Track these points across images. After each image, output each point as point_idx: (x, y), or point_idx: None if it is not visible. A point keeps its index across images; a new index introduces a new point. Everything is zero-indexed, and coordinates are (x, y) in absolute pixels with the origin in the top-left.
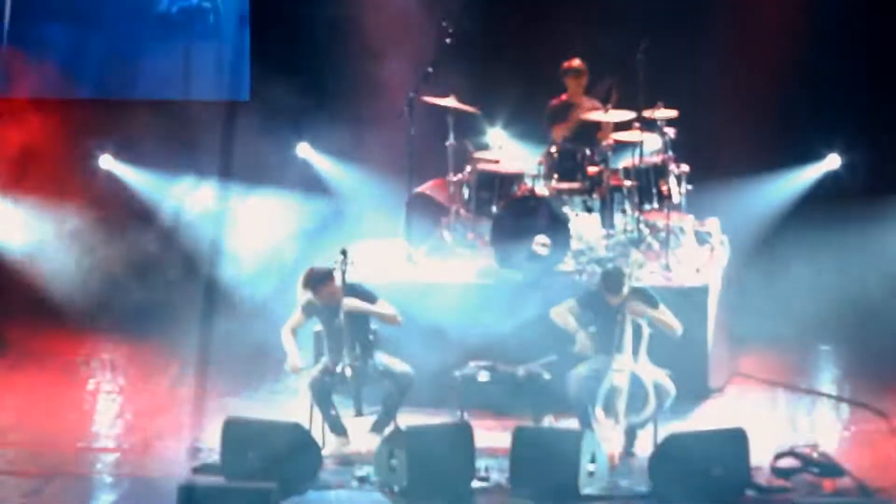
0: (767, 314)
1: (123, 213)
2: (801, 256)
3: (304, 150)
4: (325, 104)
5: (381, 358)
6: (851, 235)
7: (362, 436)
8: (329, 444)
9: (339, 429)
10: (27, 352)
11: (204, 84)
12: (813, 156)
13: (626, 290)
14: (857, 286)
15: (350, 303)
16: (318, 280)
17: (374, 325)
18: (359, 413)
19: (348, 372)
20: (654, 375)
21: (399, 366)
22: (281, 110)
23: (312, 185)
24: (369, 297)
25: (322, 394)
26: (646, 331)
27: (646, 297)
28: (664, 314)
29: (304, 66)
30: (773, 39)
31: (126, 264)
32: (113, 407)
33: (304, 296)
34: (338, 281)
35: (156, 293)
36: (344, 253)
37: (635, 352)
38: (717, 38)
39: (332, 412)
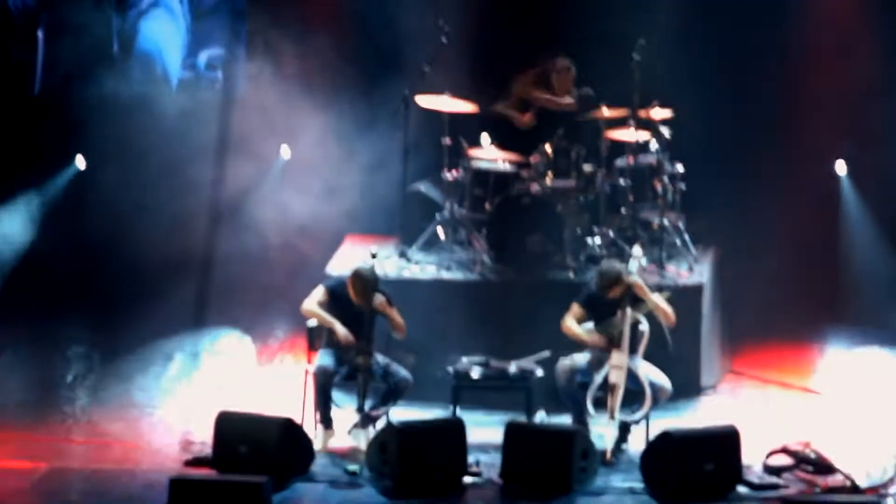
0: (759, 312)
1: None
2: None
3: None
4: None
5: (384, 359)
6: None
7: (353, 431)
8: (318, 437)
9: (329, 422)
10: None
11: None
12: (814, 158)
13: (624, 281)
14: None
15: (379, 301)
16: (369, 287)
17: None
18: (360, 408)
19: (364, 364)
20: (651, 374)
21: (400, 369)
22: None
23: None
24: (390, 302)
25: (326, 384)
26: (646, 330)
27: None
28: (661, 301)
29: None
30: (773, 39)
31: None
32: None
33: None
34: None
35: None
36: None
37: (633, 350)
38: (715, 36)
39: (328, 404)
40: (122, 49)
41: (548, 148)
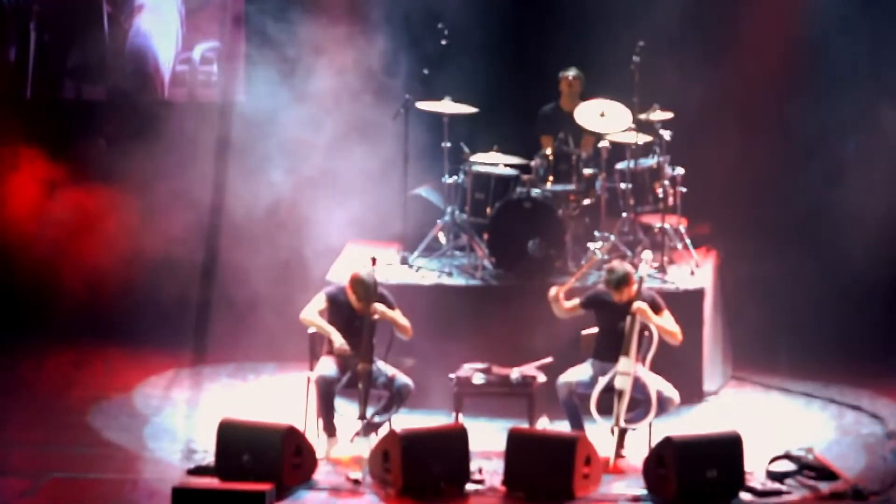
0: (762, 317)
1: None
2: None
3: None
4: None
5: (386, 366)
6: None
7: (356, 438)
8: (321, 445)
9: (331, 430)
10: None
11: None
12: (817, 159)
13: (634, 287)
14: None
15: (379, 308)
16: (365, 293)
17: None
18: (363, 416)
19: (366, 371)
20: (659, 384)
21: (401, 377)
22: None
23: None
24: (391, 305)
25: (328, 392)
26: (654, 336)
27: (652, 302)
28: (667, 321)
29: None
30: (773, 40)
31: None
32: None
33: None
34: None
35: None
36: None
37: (641, 357)
38: (715, 39)
39: (331, 412)
40: (115, 43)
41: (548, 152)
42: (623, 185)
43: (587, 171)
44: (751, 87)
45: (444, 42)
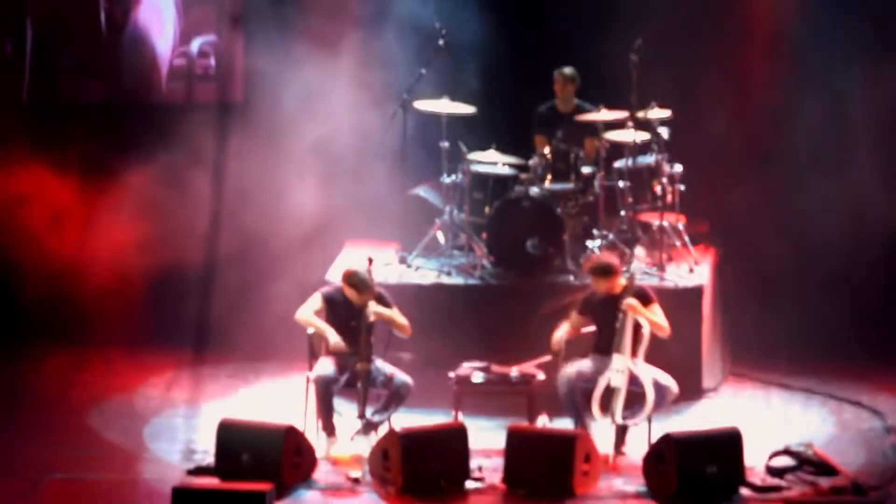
0: (761, 313)
1: None
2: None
3: None
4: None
5: (385, 365)
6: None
7: (355, 437)
8: (321, 445)
9: (331, 429)
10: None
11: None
12: (816, 157)
13: (617, 280)
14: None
15: (377, 307)
16: (363, 284)
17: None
18: (362, 415)
19: (364, 371)
20: (655, 374)
21: (400, 375)
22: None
23: None
24: (388, 304)
25: (327, 392)
26: (647, 331)
27: (642, 295)
28: (656, 314)
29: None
30: (770, 37)
31: None
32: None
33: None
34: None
35: None
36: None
37: (635, 351)
38: (712, 36)
39: (330, 412)
40: (112, 37)
41: (546, 150)
42: (621, 184)
43: (585, 170)
44: (750, 84)
45: (441, 41)
